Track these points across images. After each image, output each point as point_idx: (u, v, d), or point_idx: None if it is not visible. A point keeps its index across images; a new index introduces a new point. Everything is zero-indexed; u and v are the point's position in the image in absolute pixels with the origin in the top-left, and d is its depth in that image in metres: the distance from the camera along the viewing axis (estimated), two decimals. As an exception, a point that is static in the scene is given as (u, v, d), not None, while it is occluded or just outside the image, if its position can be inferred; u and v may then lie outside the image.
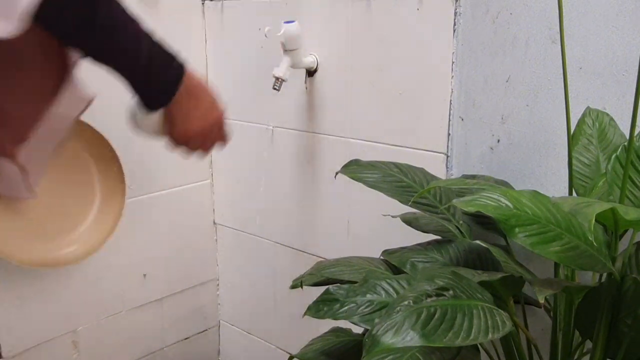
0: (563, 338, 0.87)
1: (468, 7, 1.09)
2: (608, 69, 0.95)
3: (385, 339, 0.61)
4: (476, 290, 0.72)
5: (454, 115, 1.15)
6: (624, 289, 0.76)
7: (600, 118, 0.93)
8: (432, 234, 0.97)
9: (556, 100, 1.01)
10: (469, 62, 1.11)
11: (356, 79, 1.28)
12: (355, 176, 0.96)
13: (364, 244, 1.35)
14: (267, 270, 1.61)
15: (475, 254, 0.90)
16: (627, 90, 0.94)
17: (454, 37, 1.11)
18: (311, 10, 1.33)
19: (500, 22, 1.05)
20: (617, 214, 0.65)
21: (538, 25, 1.01)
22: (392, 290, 0.78)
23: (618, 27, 0.93)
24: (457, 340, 0.62)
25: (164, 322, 1.66)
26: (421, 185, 0.97)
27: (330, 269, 0.93)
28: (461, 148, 1.15)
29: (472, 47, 1.10)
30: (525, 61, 1.04)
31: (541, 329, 1.07)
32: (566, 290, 0.83)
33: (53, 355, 1.42)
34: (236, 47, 1.53)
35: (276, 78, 1.25)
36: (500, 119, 1.09)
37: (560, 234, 0.68)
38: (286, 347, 1.62)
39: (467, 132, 1.14)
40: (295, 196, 1.48)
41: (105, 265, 1.48)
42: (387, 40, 1.21)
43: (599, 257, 0.70)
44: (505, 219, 0.66)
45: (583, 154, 0.91)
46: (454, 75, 1.13)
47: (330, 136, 1.36)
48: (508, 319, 0.67)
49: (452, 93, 1.13)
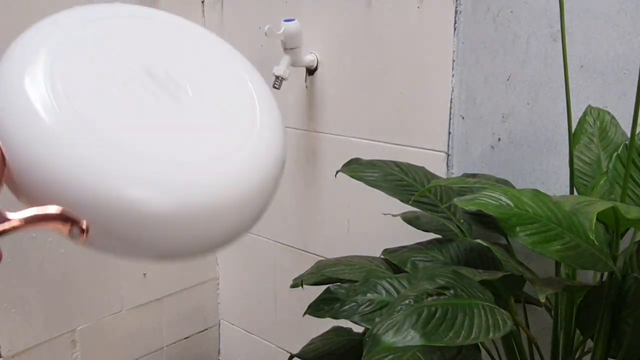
0: (564, 337, 0.87)
1: (469, 5, 1.09)
2: (609, 68, 0.94)
3: (386, 338, 0.61)
4: (477, 290, 0.72)
5: (454, 114, 1.14)
6: (625, 288, 0.76)
7: (601, 116, 0.93)
8: (432, 233, 0.96)
9: (557, 99, 1.01)
10: (470, 61, 1.11)
11: (357, 77, 1.28)
12: (356, 175, 0.96)
13: (365, 243, 1.34)
14: (267, 269, 1.61)
15: (476, 253, 0.90)
16: (629, 89, 0.93)
17: (454, 35, 1.11)
18: (311, 8, 1.33)
19: (501, 20, 1.05)
20: (619, 213, 0.65)
21: (539, 23, 1.01)
22: (392, 290, 0.78)
23: (619, 26, 0.93)
24: (457, 339, 0.62)
25: (163, 322, 1.66)
26: (422, 184, 0.97)
27: (330, 268, 0.93)
28: (462, 147, 1.15)
29: (473, 45, 1.10)
30: (526, 59, 1.03)
31: (542, 328, 1.07)
32: (567, 290, 0.83)
33: (53, 355, 1.42)
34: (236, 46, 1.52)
35: (276, 77, 1.25)
36: (501, 118, 1.08)
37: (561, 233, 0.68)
38: (286, 347, 1.62)
39: (468, 130, 1.13)
40: (296, 195, 1.48)
41: (105, 265, 1.48)
42: (387, 39, 1.21)
43: (600, 256, 0.70)
44: (506, 218, 0.66)
45: (584, 153, 0.91)
46: (455, 73, 1.12)
47: (331, 135, 1.36)
48: (509, 318, 0.67)
49: (452, 91, 1.13)
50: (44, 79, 0.45)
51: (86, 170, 0.42)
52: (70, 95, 0.45)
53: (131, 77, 0.50)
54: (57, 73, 0.46)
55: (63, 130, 0.43)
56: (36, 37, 0.49)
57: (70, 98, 0.45)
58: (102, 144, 0.44)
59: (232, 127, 0.52)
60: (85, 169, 0.42)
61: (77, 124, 0.44)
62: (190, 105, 0.51)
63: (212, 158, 0.48)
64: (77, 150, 0.43)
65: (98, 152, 0.43)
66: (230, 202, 0.47)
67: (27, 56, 0.47)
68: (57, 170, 0.42)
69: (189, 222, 0.46)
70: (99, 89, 0.48)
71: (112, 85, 0.49)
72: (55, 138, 0.43)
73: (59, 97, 0.44)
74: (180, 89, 0.52)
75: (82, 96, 0.46)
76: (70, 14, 0.53)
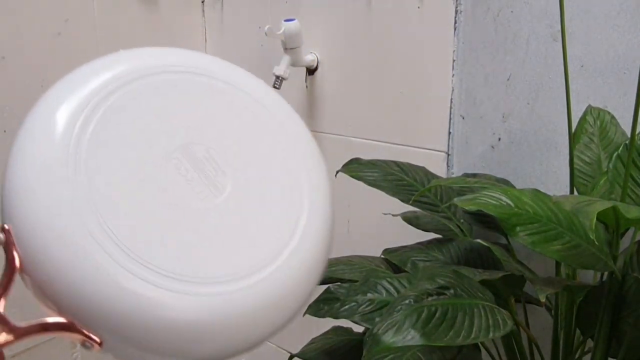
0: (564, 337, 0.87)
1: (469, 5, 1.09)
2: (609, 67, 0.94)
3: (386, 338, 0.61)
4: (477, 289, 0.72)
5: (454, 114, 1.14)
6: (626, 287, 0.76)
7: (601, 116, 0.93)
8: (432, 232, 0.96)
9: (557, 99, 1.01)
10: (470, 60, 1.11)
11: (357, 77, 1.28)
12: (356, 175, 0.96)
13: (365, 242, 1.34)
14: (268, 269, 1.61)
15: (476, 253, 0.90)
16: (629, 89, 0.93)
17: (454, 35, 1.11)
18: (311, 8, 1.33)
19: (501, 20, 1.05)
20: (619, 213, 0.65)
21: (539, 23, 1.01)
22: (392, 289, 0.78)
23: (619, 25, 0.93)
24: (458, 339, 0.62)
25: (164, 321, 1.65)
26: (422, 184, 0.97)
27: (330, 268, 0.93)
28: (462, 146, 1.15)
29: (473, 45, 1.10)
30: (526, 59, 1.03)
31: (542, 327, 1.07)
32: (567, 289, 0.83)
33: (53, 355, 1.42)
34: (236, 46, 1.53)
35: (276, 76, 1.25)
36: (501, 117, 1.08)
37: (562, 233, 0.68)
38: (286, 346, 1.62)
39: (468, 130, 1.13)
40: (296, 195, 1.48)
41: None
42: (387, 38, 1.21)
43: (600, 255, 0.70)
44: (506, 218, 0.66)
45: (584, 153, 0.91)
46: (455, 73, 1.12)
47: (331, 135, 1.36)
48: (509, 318, 0.67)
49: (452, 91, 1.13)
50: (62, 167, 0.40)
51: (99, 281, 0.38)
52: (92, 188, 0.40)
53: (165, 158, 0.43)
54: (78, 157, 0.41)
55: (80, 235, 0.39)
56: (64, 105, 0.43)
57: (92, 191, 0.40)
58: (118, 253, 0.39)
59: (267, 237, 0.45)
60: (98, 279, 0.38)
61: (93, 227, 0.39)
62: (227, 201, 0.44)
63: (237, 275, 0.43)
64: (90, 258, 0.39)
65: (114, 267, 0.39)
66: (253, 319, 0.43)
67: (47, 131, 0.41)
68: (71, 279, 0.39)
69: (207, 337, 0.41)
70: (124, 178, 0.42)
71: (140, 172, 0.42)
72: (68, 241, 0.39)
73: (77, 191, 0.39)
74: (218, 175, 0.45)
75: (103, 192, 0.40)
76: (110, 65, 0.46)
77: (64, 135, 0.41)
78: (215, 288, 0.41)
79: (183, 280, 0.40)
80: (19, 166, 0.40)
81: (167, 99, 0.46)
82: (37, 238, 0.39)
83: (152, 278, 0.39)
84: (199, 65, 0.49)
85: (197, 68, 0.49)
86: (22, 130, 0.42)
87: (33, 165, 0.40)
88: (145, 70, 0.46)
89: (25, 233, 0.39)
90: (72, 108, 0.42)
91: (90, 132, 0.42)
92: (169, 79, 0.47)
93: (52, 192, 0.39)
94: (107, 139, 0.42)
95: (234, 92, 0.50)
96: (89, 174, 0.40)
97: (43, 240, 0.39)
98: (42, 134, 0.41)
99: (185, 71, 0.48)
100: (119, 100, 0.44)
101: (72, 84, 0.44)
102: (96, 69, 0.45)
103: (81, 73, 0.45)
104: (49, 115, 0.42)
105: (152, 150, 0.43)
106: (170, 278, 0.40)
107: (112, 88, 0.44)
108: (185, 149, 0.44)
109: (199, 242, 0.42)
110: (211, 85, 0.49)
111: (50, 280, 0.39)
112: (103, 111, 0.43)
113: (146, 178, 0.42)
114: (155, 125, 0.44)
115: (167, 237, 0.41)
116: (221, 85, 0.49)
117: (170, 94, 0.46)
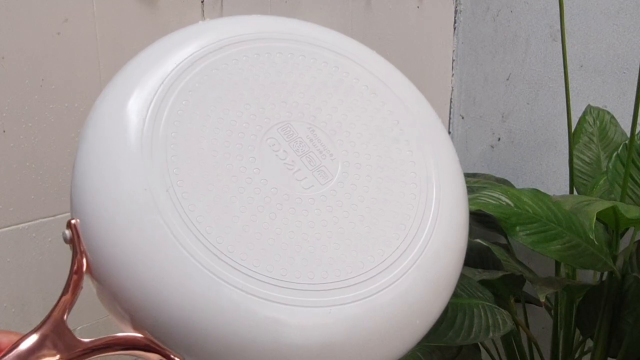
0: (564, 336, 0.87)
1: (468, 4, 1.09)
2: (609, 67, 0.94)
3: (385, 338, 0.61)
4: (477, 289, 0.72)
5: (454, 113, 1.14)
6: (625, 287, 0.76)
7: (601, 116, 0.93)
8: (432, 232, 0.96)
9: (557, 98, 1.01)
10: (470, 60, 1.11)
11: (356, 77, 1.28)
12: (356, 175, 0.95)
13: (364, 242, 1.34)
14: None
15: (476, 253, 0.90)
16: (628, 88, 0.93)
17: (454, 35, 1.11)
18: (310, 8, 1.33)
19: (501, 20, 1.05)
20: (618, 212, 0.65)
21: (539, 23, 1.01)
22: (392, 289, 0.78)
23: (619, 25, 0.93)
24: (457, 339, 0.62)
25: (164, 321, 1.65)
26: (421, 184, 0.97)
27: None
28: (462, 146, 1.15)
29: (473, 45, 1.10)
30: (526, 59, 1.03)
31: (542, 327, 1.07)
32: (567, 289, 0.83)
33: None
34: (236, 46, 1.53)
35: (276, 76, 1.25)
36: (501, 117, 1.08)
37: (561, 233, 0.68)
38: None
39: (468, 130, 1.13)
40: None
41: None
42: (387, 38, 1.21)
43: (600, 255, 0.70)
44: (506, 218, 0.66)
45: (584, 152, 0.91)
46: (455, 73, 1.12)
47: (331, 135, 1.36)
48: (509, 318, 0.67)
49: (452, 91, 1.13)
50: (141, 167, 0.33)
51: (189, 290, 0.31)
52: (172, 178, 0.33)
53: (259, 138, 0.36)
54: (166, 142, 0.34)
55: (161, 235, 0.32)
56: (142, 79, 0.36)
57: (172, 182, 0.33)
58: (210, 257, 0.31)
59: (388, 232, 0.36)
60: (187, 288, 0.31)
61: (175, 225, 0.32)
62: (335, 190, 0.36)
63: (355, 280, 0.33)
64: (174, 260, 0.31)
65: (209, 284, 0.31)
66: (379, 334, 0.34)
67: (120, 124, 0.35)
68: (151, 285, 0.31)
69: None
70: (210, 165, 0.34)
71: (229, 158, 0.35)
72: (147, 241, 0.32)
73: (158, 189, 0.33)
74: (325, 159, 0.37)
75: (187, 183, 0.33)
76: (193, 35, 0.39)
77: (139, 117, 0.35)
78: (342, 295, 0.33)
79: (301, 289, 0.32)
80: (90, 156, 0.35)
81: (261, 70, 0.39)
82: (108, 235, 0.32)
83: (264, 292, 0.32)
84: (299, 32, 0.42)
85: (296, 35, 0.42)
86: (92, 118, 0.36)
87: (105, 154, 0.34)
88: (233, 38, 0.40)
89: (94, 229, 0.33)
90: (146, 90, 0.36)
91: (167, 113, 0.35)
92: (262, 47, 0.40)
93: (126, 184, 0.33)
94: (188, 121, 0.35)
95: (344, 63, 0.43)
96: (168, 163, 0.34)
97: (117, 238, 0.32)
98: (114, 116, 0.35)
99: (281, 38, 0.41)
100: (199, 75, 0.37)
101: (149, 60, 0.38)
102: (177, 42, 0.39)
103: (160, 46, 0.39)
104: (121, 97, 0.36)
105: (243, 131, 0.36)
106: (285, 288, 0.32)
107: (193, 60, 0.37)
108: (283, 127, 0.37)
109: (306, 240, 0.34)
110: (314, 54, 0.41)
111: (123, 287, 0.32)
112: (180, 89, 0.36)
113: (235, 164, 0.35)
114: (247, 100, 0.37)
115: (269, 237, 0.33)
116: (328, 54, 0.42)
117: (265, 64, 0.39)
